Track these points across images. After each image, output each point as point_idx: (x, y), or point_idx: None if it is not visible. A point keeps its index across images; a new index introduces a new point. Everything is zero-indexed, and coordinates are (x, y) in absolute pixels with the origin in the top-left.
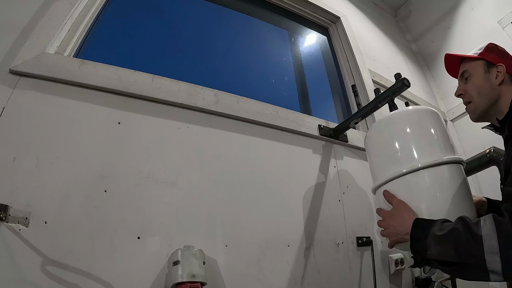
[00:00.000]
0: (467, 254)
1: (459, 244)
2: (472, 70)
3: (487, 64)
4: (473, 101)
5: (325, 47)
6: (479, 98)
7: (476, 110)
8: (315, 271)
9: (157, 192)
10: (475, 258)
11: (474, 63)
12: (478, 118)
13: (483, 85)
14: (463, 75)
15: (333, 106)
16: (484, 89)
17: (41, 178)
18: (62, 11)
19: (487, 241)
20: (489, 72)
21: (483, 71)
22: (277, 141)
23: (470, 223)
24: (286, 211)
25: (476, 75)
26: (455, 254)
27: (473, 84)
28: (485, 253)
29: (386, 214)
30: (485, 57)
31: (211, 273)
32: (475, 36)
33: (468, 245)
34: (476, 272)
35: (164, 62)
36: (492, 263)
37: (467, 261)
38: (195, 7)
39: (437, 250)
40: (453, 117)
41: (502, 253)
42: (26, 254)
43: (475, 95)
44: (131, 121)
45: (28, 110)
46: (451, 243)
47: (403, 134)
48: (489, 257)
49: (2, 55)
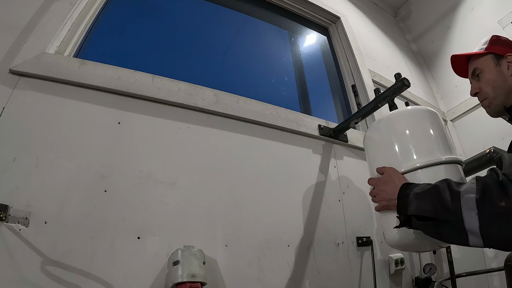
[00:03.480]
0: (444, 209)
1: (437, 199)
2: (483, 66)
3: (496, 57)
4: (488, 97)
5: (325, 47)
6: (494, 92)
7: (492, 104)
8: (315, 271)
9: (157, 192)
10: (453, 214)
11: (482, 58)
12: (496, 113)
13: (497, 78)
14: (474, 73)
15: (333, 106)
16: (498, 83)
17: (41, 178)
18: (62, 11)
19: (464, 196)
20: (500, 65)
21: (494, 64)
22: (277, 141)
23: (451, 181)
24: (286, 211)
25: (488, 70)
26: (432, 209)
27: (486, 79)
28: (462, 209)
29: (378, 180)
30: (492, 50)
31: (211, 273)
32: (475, 36)
33: (446, 200)
34: (454, 231)
35: (164, 62)
36: (469, 221)
37: (444, 218)
38: (195, 7)
39: (415, 205)
40: (453, 117)
41: (479, 209)
42: (26, 254)
43: (490, 90)
44: (131, 121)
45: (28, 110)
46: (429, 199)
47: (402, 134)
48: (466, 214)
49: (2, 55)
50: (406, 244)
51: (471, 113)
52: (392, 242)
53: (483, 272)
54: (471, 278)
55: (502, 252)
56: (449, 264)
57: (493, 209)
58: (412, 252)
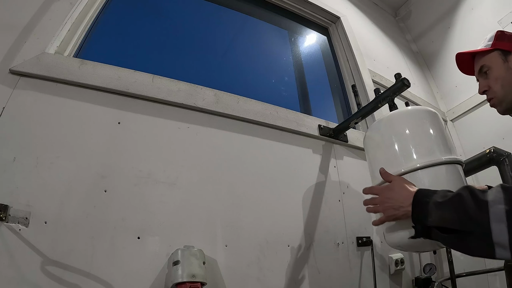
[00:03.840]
0: (470, 220)
1: (462, 209)
2: (490, 63)
3: (503, 53)
4: (497, 95)
5: (325, 47)
6: (503, 90)
7: (503, 102)
8: (315, 271)
9: (157, 192)
10: (479, 226)
11: (489, 55)
12: (507, 110)
13: (505, 75)
14: (482, 70)
15: (333, 106)
16: (507, 79)
17: (41, 178)
18: (62, 11)
19: (493, 207)
20: (508, 61)
21: (502, 61)
22: (277, 141)
23: (476, 190)
24: (286, 211)
25: (496, 67)
26: (457, 220)
27: (494, 76)
28: (490, 220)
29: (383, 188)
30: (498, 46)
31: (211, 273)
32: (475, 36)
33: (471, 210)
34: (480, 243)
35: (164, 62)
36: (498, 233)
37: (470, 229)
38: (195, 7)
39: (437, 215)
40: (453, 117)
41: (509, 222)
42: (26, 254)
43: (498, 88)
44: (131, 121)
45: (28, 110)
46: (453, 209)
47: (402, 135)
48: (495, 226)
49: (2, 55)
50: (406, 244)
51: (471, 113)
52: (392, 242)
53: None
54: (471, 278)
55: None
56: (449, 264)
57: None
58: (412, 252)
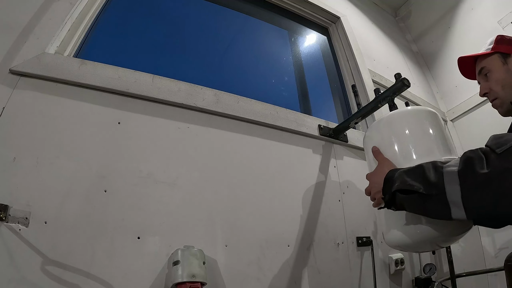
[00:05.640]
0: (427, 184)
1: (422, 175)
2: (490, 65)
3: (502, 56)
4: (498, 96)
5: (325, 47)
6: (504, 91)
7: (504, 103)
8: (315, 271)
9: (157, 192)
10: (435, 188)
11: (489, 58)
12: (508, 112)
13: (505, 77)
14: (482, 72)
15: (333, 106)
16: (507, 81)
17: (41, 178)
18: (62, 11)
19: (446, 169)
20: (507, 63)
21: (501, 63)
22: (277, 141)
23: (437, 161)
24: (286, 211)
25: (496, 70)
26: (416, 184)
27: (495, 79)
28: (445, 182)
29: (371, 174)
30: (498, 50)
31: (211, 273)
32: (475, 36)
33: (429, 175)
34: (437, 204)
35: (164, 62)
36: (451, 192)
37: (428, 192)
38: (195, 7)
39: (400, 181)
40: (453, 117)
41: (461, 180)
42: (26, 254)
43: (499, 90)
44: (131, 121)
45: (28, 110)
46: (413, 175)
47: (401, 135)
48: (448, 187)
49: (2, 55)
50: (406, 244)
51: (471, 113)
52: (391, 242)
53: (483, 272)
54: (471, 278)
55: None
56: (449, 264)
57: (474, 179)
58: (412, 252)
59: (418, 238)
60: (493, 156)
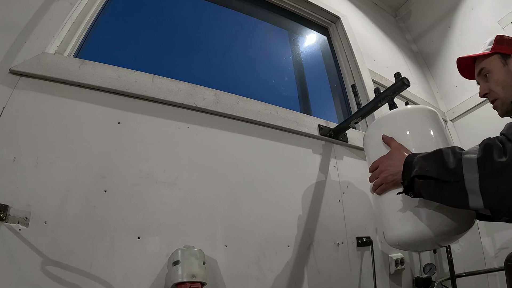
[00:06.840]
0: (446, 170)
1: (440, 161)
2: (490, 66)
3: (502, 56)
4: (499, 97)
5: (325, 47)
6: (504, 92)
7: (504, 104)
8: (315, 271)
9: (157, 192)
10: (454, 175)
11: (489, 59)
12: (508, 113)
13: (505, 78)
14: (481, 73)
15: (333, 106)
16: (507, 82)
17: (41, 178)
18: (62, 11)
19: (465, 156)
20: (507, 64)
21: (501, 64)
22: (277, 141)
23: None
24: (286, 211)
25: (496, 70)
26: (435, 170)
27: (495, 80)
28: (463, 169)
29: (383, 157)
30: (498, 50)
31: (211, 273)
32: (475, 36)
33: (448, 162)
34: (455, 191)
35: (164, 62)
36: (470, 180)
37: (446, 179)
38: (195, 7)
39: (419, 166)
40: (453, 117)
41: (480, 168)
42: (26, 254)
43: (499, 90)
44: (131, 121)
45: (28, 110)
46: (432, 161)
47: (401, 134)
48: (467, 174)
49: (2, 55)
50: (406, 243)
51: (471, 113)
52: (392, 241)
53: (483, 272)
54: (471, 278)
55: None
56: (449, 264)
57: (492, 167)
58: (412, 252)
59: (419, 237)
60: (510, 145)
